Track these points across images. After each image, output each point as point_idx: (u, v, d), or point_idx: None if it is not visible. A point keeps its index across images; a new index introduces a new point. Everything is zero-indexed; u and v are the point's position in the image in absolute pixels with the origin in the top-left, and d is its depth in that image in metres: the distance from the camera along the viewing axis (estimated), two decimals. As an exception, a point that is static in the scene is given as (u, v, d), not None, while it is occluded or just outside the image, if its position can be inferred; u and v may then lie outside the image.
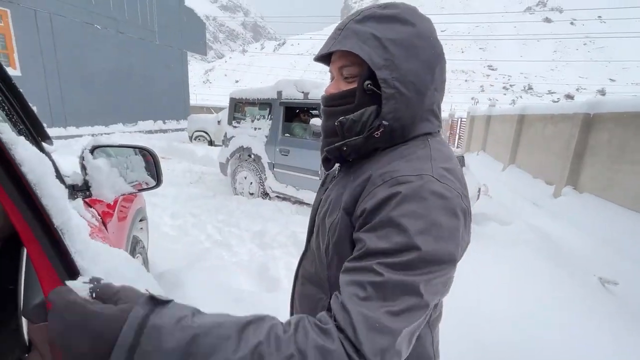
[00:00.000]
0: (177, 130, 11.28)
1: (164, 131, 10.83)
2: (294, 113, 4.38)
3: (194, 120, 9.56)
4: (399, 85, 0.49)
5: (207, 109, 14.52)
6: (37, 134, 0.88)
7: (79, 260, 0.41)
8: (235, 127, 4.68)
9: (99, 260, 0.47)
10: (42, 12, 7.07)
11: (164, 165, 4.92)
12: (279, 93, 4.09)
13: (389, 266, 0.41)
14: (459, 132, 12.59)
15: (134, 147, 1.16)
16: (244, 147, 4.47)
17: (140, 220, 2.15)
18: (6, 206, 0.37)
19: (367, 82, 0.51)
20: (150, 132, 10.18)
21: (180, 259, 2.68)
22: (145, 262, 2.18)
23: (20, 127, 0.84)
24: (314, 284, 0.63)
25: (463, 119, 12.25)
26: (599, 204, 3.82)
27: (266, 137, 4.26)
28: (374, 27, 0.50)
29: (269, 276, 2.37)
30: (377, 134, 0.52)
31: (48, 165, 0.43)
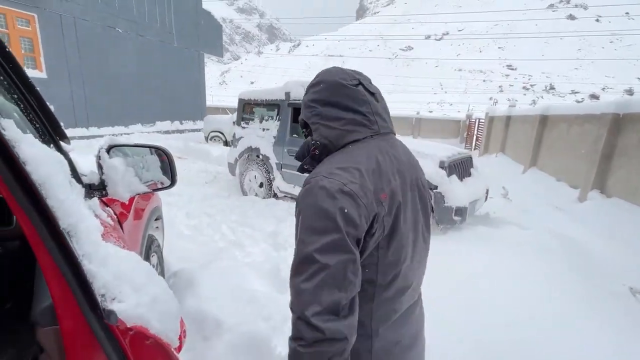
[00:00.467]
0: (193, 130, 11.49)
1: (181, 131, 11.05)
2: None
3: (210, 121, 9.72)
4: (319, 120, 0.75)
5: (223, 110, 14.74)
6: (55, 133, 0.88)
7: (87, 264, 0.39)
8: (243, 127, 4.72)
9: (108, 263, 0.45)
10: (66, 16, 7.34)
11: (180, 165, 5.00)
12: (287, 94, 4.09)
13: (296, 246, 0.65)
14: (477, 133, 12.27)
15: (149, 147, 1.15)
16: (253, 147, 4.49)
17: (156, 220, 2.17)
18: (12, 206, 0.36)
19: (303, 128, 0.84)
20: (167, 132, 10.41)
21: (194, 258, 2.70)
22: (161, 261, 2.20)
23: (37, 125, 0.84)
24: None
25: (481, 120, 11.94)
26: (629, 209, 3.61)
27: (274, 137, 4.27)
28: (306, 95, 0.80)
29: (281, 278, 2.35)
30: (316, 151, 0.78)
31: (57, 165, 0.42)
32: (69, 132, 7.08)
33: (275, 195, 4.52)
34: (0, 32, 6.37)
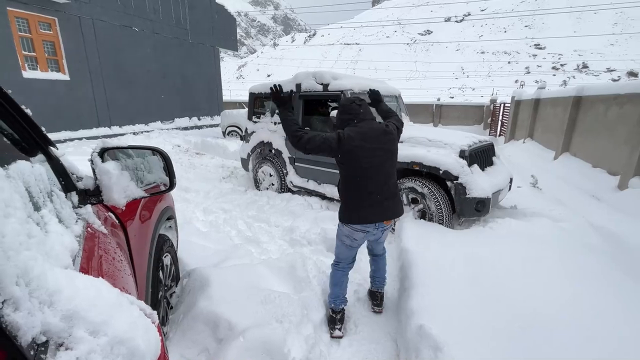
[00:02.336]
0: (211, 126, 11.62)
1: (199, 127, 11.20)
2: (313, 105, 4.24)
3: (227, 116, 9.76)
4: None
5: (240, 104, 14.80)
6: (40, 139, 0.82)
7: (10, 314, 0.31)
8: (255, 122, 4.65)
9: (57, 300, 0.37)
10: (85, 18, 7.51)
11: (197, 161, 5.08)
12: (298, 86, 3.96)
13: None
14: (502, 119, 11.65)
15: (145, 148, 1.09)
16: (265, 142, 4.42)
17: (168, 219, 2.14)
18: None
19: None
20: (186, 128, 10.58)
21: (210, 257, 2.68)
22: (175, 261, 2.18)
23: (23, 134, 0.78)
24: None
25: (506, 104, 11.31)
26: (678, 198, 3.26)
27: None
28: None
29: (298, 276, 2.28)
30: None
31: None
32: (92, 132, 7.28)
33: (290, 190, 4.46)
34: (24, 36, 6.60)
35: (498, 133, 11.97)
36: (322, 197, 4.10)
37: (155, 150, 1.12)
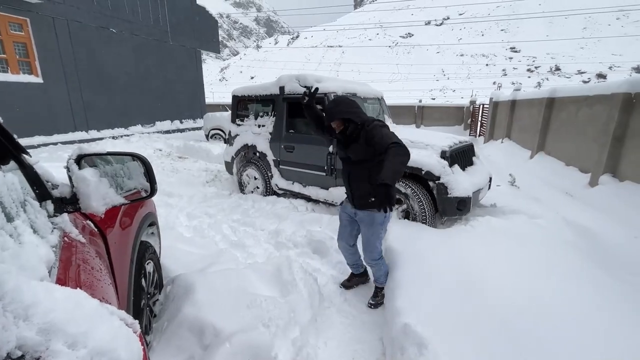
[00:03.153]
0: (194, 129, 11.42)
1: (181, 130, 10.99)
2: (297, 108, 4.26)
3: (210, 119, 9.62)
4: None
5: (223, 107, 14.63)
6: (12, 147, 0.79)
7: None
8: (239, 125, 4.62)
9: (33, 314, 0.36)
10: (59, 18, 7.24)
11: (180, 165, 4.98)
12: (282, 88, 3.97)
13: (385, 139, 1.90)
14: (481, 119, 12.02)
15: (124, 154, 1.06)
16: (249, 145, 4.40)
17: (150, 225, 2.10)
18: None
19: None
20: (168, 132, 10.36)
21: (194, 262, 2.63)
22: (157, 268, 2.13)
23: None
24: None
25: (485, 105, 11.67)
26: (644, 193, 3.46)
27: (270, 134, 4.17)
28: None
29: (284, 279, 2.27)
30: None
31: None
32: (68, 136, 7.01)
33: (275, 193, 4.44)
34: (-7, 38, 6.31)
35: (478, 133, 12.33)
36: (308, 199, 4.11)
37: (135, 156, 1.10)
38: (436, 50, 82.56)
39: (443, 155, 3.09)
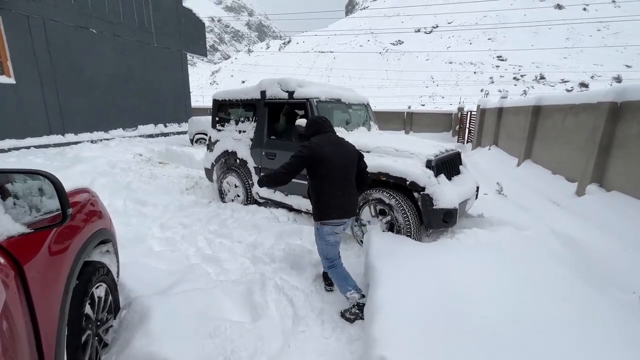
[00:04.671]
0: (178, 133, 11.13)
1: (166, 134, 10.69)
2: (278, 113, 4.10)
3: (195, 123, 9.37)
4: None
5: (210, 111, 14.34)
6: None
7: None
8: (219, 130, 4.43)
9: None
10: (35, 17, 6.94)
11: (160, 171, 4.71)
12: (263, 93, 3.80)
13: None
14: (469, 126, 12.08)
15: (24, 172, 0.87)
16: (229, 151, 4.21)
17: (103, 243, 1.89)
18: None
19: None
20: (151, 136, 10.05)
21: (160, 280, 2.42)
22: (112, 290, 1.91)
23: None
24: None
25: (473, 112, 11.74)
26: (631, 204, 3.40)
27: (251, 140, 3.98)
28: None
29: (255, 302, 2.08)
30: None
31: None
32: (42, 140, 6.69)
33: (256, 202, 4.25)
34: (-40, 35, 5.97)
35: (466, 140, 12.38)
36: (289, 209, 3.93)
37: (39, 174, 0.90)
38: (426, 58, 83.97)
39: (428, 164, 2.96)
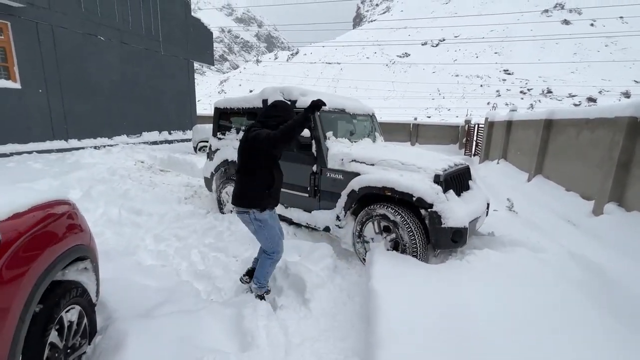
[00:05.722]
0: (183, 140, 11.10)
1: (170, 142, 10.66)
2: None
3: (199, 130, 9.31)
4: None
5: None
6: None
7: None
8: (220, 139, 4.30)
9: None
10: (43, 24, 6.99)
11: (160, 179, 4.58)
12: (265, 101, 3.68)
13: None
14: (477, 139, 11.88)
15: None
16: (230, 160, 4.06)
17: (80, 260, 1.73)
18: None
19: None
20: (155, 143, 10.02)
21: (146, 299, 2.24)
22: (88, 312, 1.74)
23: None
24: None
25: (481, 125, 11.56)
26: (655, 226, 3.17)
27: None
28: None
29: (244, 328, 1.89)
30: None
31: None
32: (45, 145, 6.61)
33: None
34: (-32, 40, 6.01)
35: (473, 153, 12.17)
36: (289, 222, 3.75)
37: None
38: (432, 70, 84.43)
39: (436, 179, 2.78)
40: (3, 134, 6.50)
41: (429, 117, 47.91)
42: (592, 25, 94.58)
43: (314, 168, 3.36)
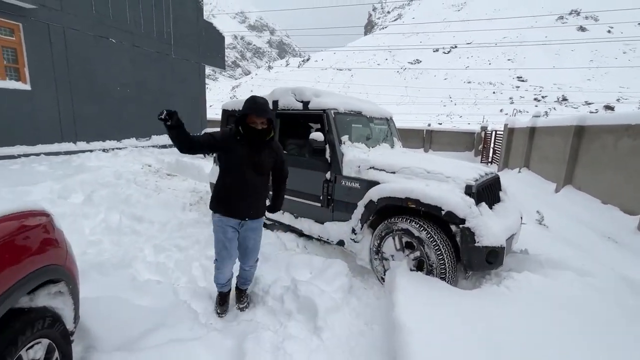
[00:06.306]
0: (192, 144, 10.96)
1: (179, 146, 10.52)
2: (291, 126, 3.68)
3: (207, 135, 9.15)
4: None
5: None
6: None
7: None
8: None
9: None
10: (55, 25, 6.95)
11: (166, 184, 4.33)
12: (275, 103, 3.41)
13: None
14: (494, 146, 11.41)
15: None
16: None
17: (51, 283, 1.46)
18: None
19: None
20: (164, 146, 9.89)
21: (134, 323, 1.96)
22: (59, 346, 1.46)
23: None
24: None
25: (498, 132, 11.10)
26: None
27: None
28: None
29: (245, 367, 1.58)
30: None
31: None
32: (53, 147, 6.45)
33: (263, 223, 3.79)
34: (-21, 41, 5.97)
35: (490, 160, 11.69)
36: (299, 233, 3.44)
37: None
38: (444, 77, 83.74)
39: (468, 190, 2.44)
40: (12, 136, 6.42)
41: (440, 123, 47.23)
42: (609, 32, 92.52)
43: (328, 175, 3.06)
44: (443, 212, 2.29)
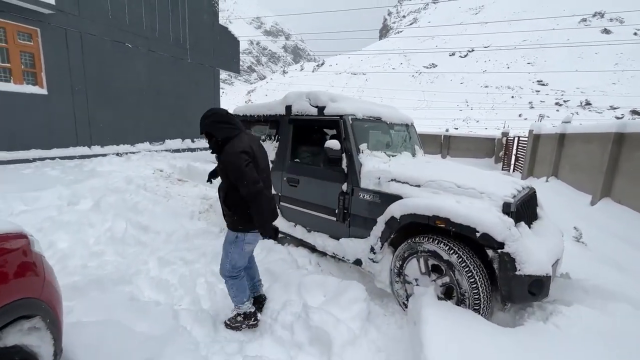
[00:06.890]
0: (205, 149, 10.91)
1: (192, 150, 10.49)
2: (305, 133, 3.44)
3: (220, 139, 9.06)
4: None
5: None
6: None
7: None
8: None
9: None
10: (72, 31, 7.00)
11: (176, 190, 4.12)
12: (288, 108, 3.18)
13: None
14: (516, 153, 10.87)
15: None
16: None
17: (25, 319, 1.25)
18: None
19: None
20: (177, 150, 9.86)
21: (126, 356, 1.75)
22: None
23: None
24: None
25: (521, 138, 10.57)
26: None
27: (272, 162, 3.33)
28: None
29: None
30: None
31: None
32: (68, 151, 6.37)
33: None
34: (-1, 46, 6.04)
35: (512, 168, 11.15)
36: (312, 249, 3.19)
37: None
38: (460, 81, 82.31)
39: (506, 209, 2.13)
40: (27, 140, 6.46)
41: (457, 128, 46.23)
42: (635, 34, 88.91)
43: (344, 187, 2.80)
44: (478, 234, 1.99)
